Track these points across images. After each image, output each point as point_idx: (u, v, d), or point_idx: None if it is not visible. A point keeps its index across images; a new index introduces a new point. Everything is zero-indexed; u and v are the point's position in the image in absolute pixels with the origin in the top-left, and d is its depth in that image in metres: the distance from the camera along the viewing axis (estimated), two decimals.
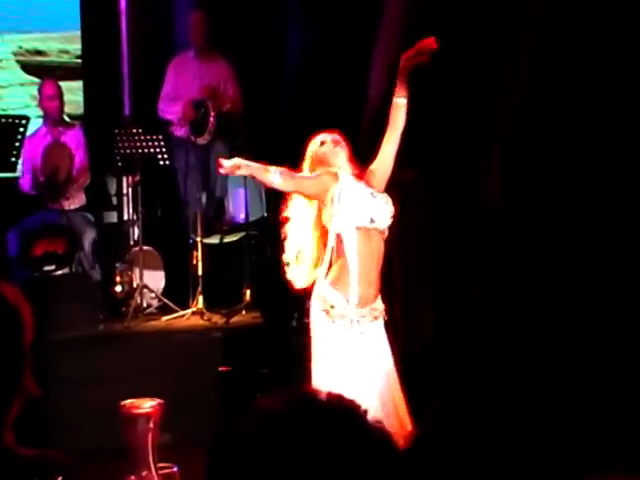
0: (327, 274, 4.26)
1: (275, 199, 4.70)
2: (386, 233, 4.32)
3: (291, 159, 4.56)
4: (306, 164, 4.39)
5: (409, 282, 6.42)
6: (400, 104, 4.41)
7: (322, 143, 4.40)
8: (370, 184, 4.37)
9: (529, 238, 6.27)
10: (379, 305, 4.31)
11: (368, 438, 1.23)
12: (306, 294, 4.43)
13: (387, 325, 4.35)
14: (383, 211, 4.28)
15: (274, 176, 4.27)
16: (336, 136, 4.42)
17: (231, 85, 7.55)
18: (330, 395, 1.30)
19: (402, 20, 6.26)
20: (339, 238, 4.25)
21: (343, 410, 1.24)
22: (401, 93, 4.41)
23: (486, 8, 6.16)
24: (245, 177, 7.50)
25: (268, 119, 7.51)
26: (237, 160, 4.30)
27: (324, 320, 4.21)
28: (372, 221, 4.24)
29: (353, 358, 4.16)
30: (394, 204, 4.37)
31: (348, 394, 1.33)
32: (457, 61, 6.25)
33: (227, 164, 4.26)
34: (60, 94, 7.37)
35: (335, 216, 4.25)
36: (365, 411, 1.25)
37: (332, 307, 4.19)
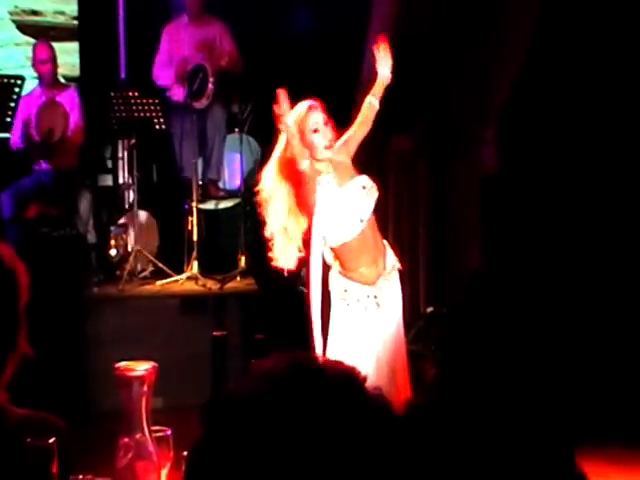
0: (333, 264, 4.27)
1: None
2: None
3: None
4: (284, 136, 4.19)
5: (404, 251, 6.43)
6: (374, 104, 4.28)
7: (304, 112, 4.20)
8: (351, 175, 4.24)
9: (525, 206, 6.27)
10: (388, 265, 4.27)
11: (365, 403, 1.23)
12: (300, 261, 4.42)
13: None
14: (367, 206, 4.20)
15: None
16: (312, 102, 4.24)
17: (227, 41, 7.49)
18: (328, 360, 1.29)
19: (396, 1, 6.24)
20: (334, 250, 4.23)
21: (341, 374, 1.23)
22: (376, 93, 4.29)
23: None
24: (241, 143, 7.52)
25: (267, 84, 7.47)
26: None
27: (340, 302, 4.22)
28: (361, 221, 4.19)
29: (370, 335, 4.18)
30: (390, 173, 4.34)
31: (359, 363, 1.32)
32: (453, 30, 6.23)
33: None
34: (53, 57, 7.31)
35: (322, 233, 4.18)
36: (364, 377, 1.24)
37: (345, 291, 4.21)
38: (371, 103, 4.27)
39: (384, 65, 4.29)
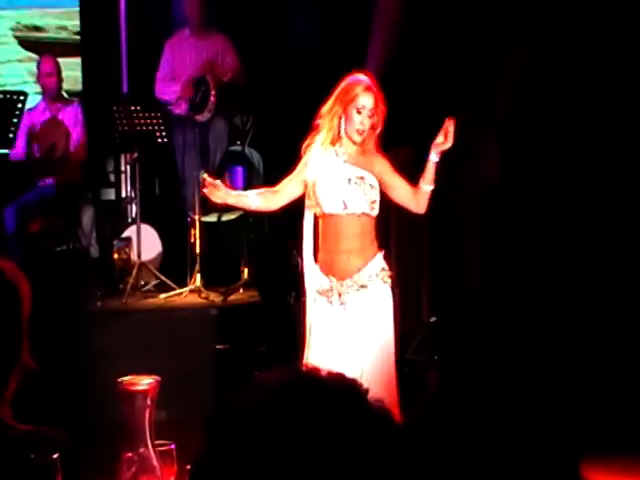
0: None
1: (274, 178, 4.69)
2: (371, 214, 4.28)
3: (290, 137, 4.55)
4: (331, 100, 4.27)
5: (405, 264, 6.43)
6: (425, 191, 4.36)
7: (354, 84, 4.28)
8: (364, 166, 4.31)
9: (527, 217, 6.27)
10: (365, 272, 4.26)
11: (368, 416, 1.23)
12: (303, 272, 4.43)
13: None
14: (358, 196, 4.24)
15: (252, 200, 4.31)
16: (369, 81, 4.30)
17: (230, 55, 7.50)
18: (330, 372, 1.30)
19: (399, 2, 6.25)
20: (319, 220, 4.27)
21: (343, 387, 1.24)
22: (427, 181, 4.35)
23: None
24: (244, 155, 7.54)
25: (268, 97, 7.49)
26: (219, 182, 4.27)
27: (311, 301, 4.25)
28: (345, 207, 4.22)
29: (336, 332, 4.18)
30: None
31: (330, 367, 1.33)
32: (455, 39, 6.24)
33: (208, 180, 4.26)
34: (58, 71, 7.36)
35: (313, 201, 4.27)
36: (366, 390, 1.24)
37: (319, 286, 4.24)
38: (422, 190, 4.34)
39: (441, 147, 4.31)
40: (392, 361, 4.26)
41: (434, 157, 4.32)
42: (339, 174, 4.26)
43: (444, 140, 4.29)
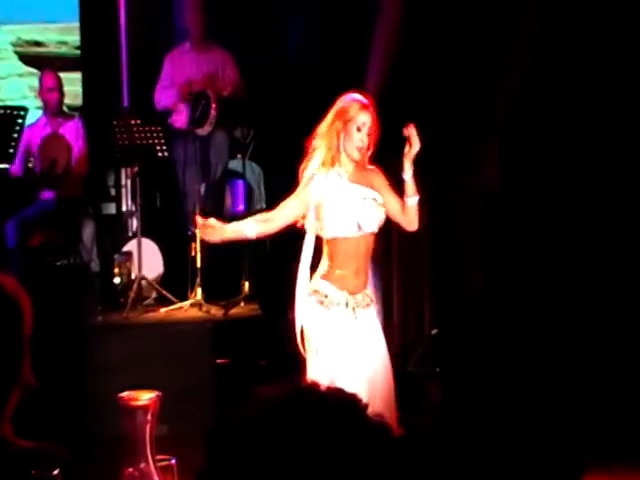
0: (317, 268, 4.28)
1: (275, 191, 4.69)
2: (377, 230, 4.29)
3: (290, 149, 4.55)
4: (328, 118, 4.25)
5: (406, 271, 6.43)
6: (412, 205, 4.30)
7: (352, 102, 4.26)
8: (366, 183, 4.31)
9: (528, 224, 6.27)
10: (370, 292, 4.31)
11: (368, 430, 1.23)
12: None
13: (384, 314, 4.36)
14: (372, 216, 4.23)
15: (249, 227, 4.25)
16: (366, 100, 4.28)
17: (230, 69, 7.51)
18: (330, 387, 1.30)
19: (401, 10, 6.26)
20: (327, 242, 4.26)
21: (343, 402, 1.24)
22: (410, 193, 4.29)
23: None
24: (244, 168, 7.55)
25: (268, 110, 7.50)
26: (212, 221, 4.25)
27: (319, 310, 4.22)
28: (359, 228, 4.21)
29: (349, 342, 4.18)
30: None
31: (342, 377, 1.33)
32: (455, 48, 6.25)
33: (200, 222, 4.25)
34: (60, 86, 7.38)
35: (321, 224, 4.22)
36: (366, 405, 1.24)
37: (326, 296, 4.21)
38: (408, 205, 4.29)
39: (410, 154, 4.28)
40: (391, 375, 4.28)
41: (408, 169, 4.29)
42: (349, 195, 4.22)
43: (410, 148, 4.28)
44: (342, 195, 4.22)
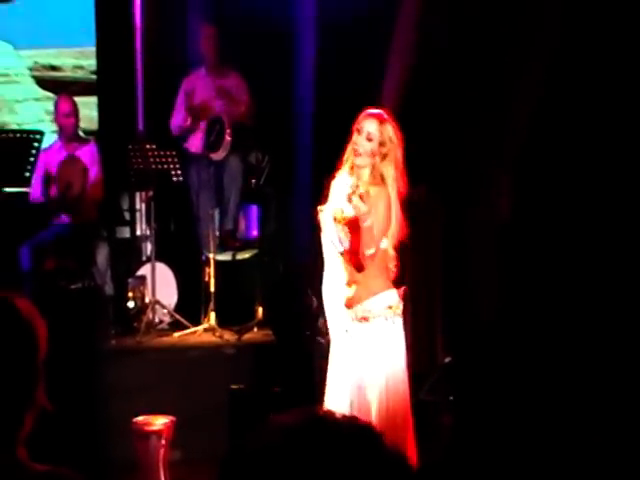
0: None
1: (288, 217, 4.70)
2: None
3: (304, 173, 4.57)
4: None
5: (420, 299, 6.41)
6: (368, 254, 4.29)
7: (364, 113, 4.27)
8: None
9: (540, 253, 6.25)
10: (370, 305, 4.23)
11: (382, 459, 1.23)
12: (318, 312, 4.43)
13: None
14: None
15: None
16: (378, 111, 4.28)
17: (243, 92, 7.55)
18: (345, 415, 1.29)
19: (418, 23, 6.28)
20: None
21: (358, 430, 1.23)
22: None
23: (499, 21, 6.19)
24: (257, 193, 7.56)
25: (280, 134, 7.52)
26: None
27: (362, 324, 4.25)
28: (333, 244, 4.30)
29: (343, 358, 4.20)
30: (405, 220, 4.32)
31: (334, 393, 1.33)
32: (468, 76, 6.27)
33: None
34: (76, 111, 7.41)
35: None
36: (381, 433, 1.24)
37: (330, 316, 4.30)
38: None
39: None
40: (404, 402, 4.19)
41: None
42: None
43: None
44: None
